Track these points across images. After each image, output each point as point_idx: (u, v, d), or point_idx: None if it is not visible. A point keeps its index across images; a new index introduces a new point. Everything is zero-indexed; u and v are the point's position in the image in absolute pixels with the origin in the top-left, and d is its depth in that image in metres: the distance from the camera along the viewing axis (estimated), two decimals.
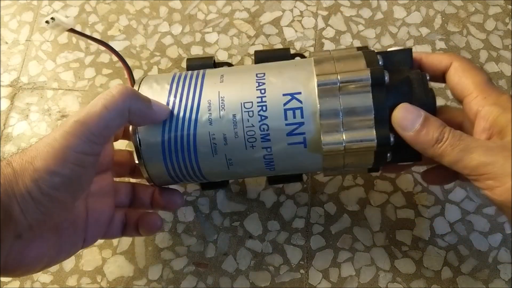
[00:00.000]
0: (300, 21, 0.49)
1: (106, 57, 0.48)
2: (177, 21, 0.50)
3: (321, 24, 0.49)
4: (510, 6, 0.49)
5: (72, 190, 0.28)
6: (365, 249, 0.40)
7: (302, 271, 0.39)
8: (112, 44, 0.49)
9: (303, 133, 0.31)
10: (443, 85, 0.46)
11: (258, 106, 0.31)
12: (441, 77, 0.33)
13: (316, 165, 0.33)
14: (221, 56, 0.48)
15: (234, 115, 0.31)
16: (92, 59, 0.48)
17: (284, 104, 0.31)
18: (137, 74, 0.47)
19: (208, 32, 0.49)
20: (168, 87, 0.33)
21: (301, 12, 0.50)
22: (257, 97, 0.32)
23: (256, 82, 0.32)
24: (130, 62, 0.48)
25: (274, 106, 0.31)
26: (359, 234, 0.40)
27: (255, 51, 0.37)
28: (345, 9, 0.50)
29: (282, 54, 0.36)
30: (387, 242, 0.40)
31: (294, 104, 0.31)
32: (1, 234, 0.25)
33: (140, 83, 0.34)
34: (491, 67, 0.47)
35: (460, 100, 0.32)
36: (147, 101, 0.31)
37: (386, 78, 0.30)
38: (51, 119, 0.45)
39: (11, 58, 0.48)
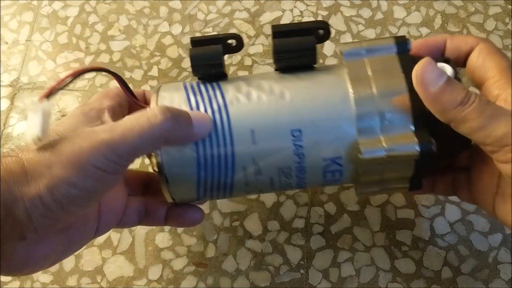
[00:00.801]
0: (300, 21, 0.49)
1: (106, 57, 0.48)
2: (177, 21, 0.50)
3: None
4: (510, 6, 0.49)
5: (86, 202, 0.27)
6: (365, 249, 0.40)
7: (302, 271, 0.39)
8: (112, 44, 0.49)
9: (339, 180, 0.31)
10: None
11: (295, 169, 0.30)
12: (463, 60, 0.31)
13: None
14: None
15: (271, 178, 0.31)
16: (92, 59, 0.48)
17: (324, 167, 0.30)
18: (136, 74, 0.47)
19: (208, 32, 0.49)
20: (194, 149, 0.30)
21: (301, 12, 0.50)
22: (295, 162, 0.30)
23: (293, 145, 0.29)
24: (130, 62, 0.48)
25: (313, 169, 0.30)
26: (359, 234, 0.40)
27: (273, 27, 0.31)
28: (345, 9, 0.50)
29: (305, 44, 0.31)
30: (387, 242, 0.40)
31: (334, 167, 0.30)
32: (1, 233, 0.24)
33: None
34: None
35: (479, 84, 0.30)
36: (187, 122, 0.28)
37: (433, 147, 0.28)
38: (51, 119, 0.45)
39: (11, 58, 0.48)
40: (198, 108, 0.30)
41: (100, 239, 0.41)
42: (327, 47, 0.48)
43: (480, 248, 0.40)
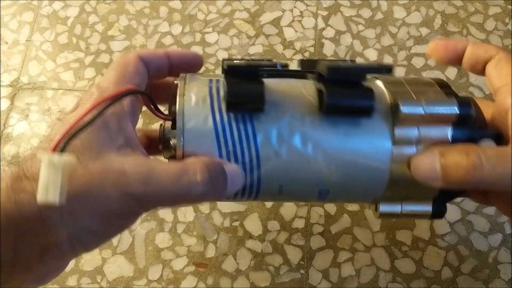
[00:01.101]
0: (300, 21, 0.49)
1: (106, 57, 0.48)
2: (177, 21, 0.50)
3: (321, 24, 0.49)
4: (510, 6, 0.49)
5: (97, 246, 0.25)
6: (365, 249, 0.40)
7: (302, 271, 0.39)
8: (112, 44, 0.49)
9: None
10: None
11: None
12: (482, 67, 0.31)
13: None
14: (221, 56, 0.48)
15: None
16: (92, 59, 0.48)
17: None
18: None
19: (208, 32, 0.49)
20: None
21: (301, 12, 0.50)
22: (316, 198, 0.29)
23: (317, 196, 0.29)
24: None
25: None
26: (359, 234, 0.40)
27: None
28: (345, 9, 0.50)
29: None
30: (387, 242, 0.40)
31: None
32: (12, 272, 0.23)
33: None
34: None
35: (495, 91, 0.30)
36: (223, 184, 0.26)
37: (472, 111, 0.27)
38: (51, 119, 0.45)
39: (11, 58, 0.48)
40: (229, 157, 0.27)
41: None
42: (327, 47, 0.48)
43: (480, 248, 0.40)
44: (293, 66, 0.47)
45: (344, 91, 0.26)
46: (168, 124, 0.28)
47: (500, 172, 0.25)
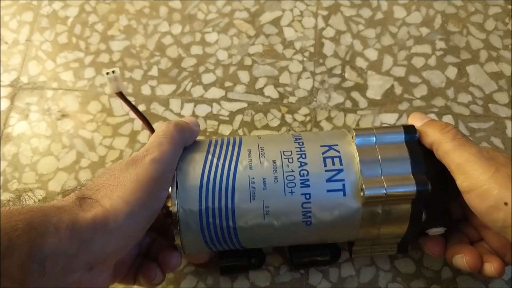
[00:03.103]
0: (300, 21, 0.49)
1: (106, 57, 0.48)
2: (177, 21, 0.50)
3: (321, 24, 0.49)
4: (510, 6, 0.49)
5: (147, 226, 0.30)
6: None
7: (302, 271, 0.39)
8: (112, 44, 0.49)
9: (342, 180, 0.32)
10: (443, 84, 0.46)
11: (297, 154, 0.32)
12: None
13: (353, 224, 0.32)
14: (221, 56, 0.48)
15: (274, 161, 0.32)
16: (92, 59, 0.48)
17: (323, 153, 0.32)
18: (136, 74, 0.47)
19: (208, 32, 0.49)
20: (206, 146, 0.34)
21: (301, 12, 0.50)
22: (296, 148, 0.33)
23: (293, 138, 0.34)
24: (130, 62, 0.48)
25: (313, 154, 0.32)
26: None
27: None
28: (345, 9, 0.50)
29: None
30: None
31: (332, 153, 0.32)
32: (74, 264, 0.26)
33: None
34: (491, 67, 0.47)
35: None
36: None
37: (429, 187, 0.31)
38: (51, 119, 0.45)
39: (11, 58, 0.48)
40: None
41: None
42: (327, 47, 0.48)
43: None
44: (293, 66, 0.47)
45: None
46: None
47: None
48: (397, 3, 0.50)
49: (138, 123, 0.45)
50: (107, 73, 0.36)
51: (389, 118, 0.45)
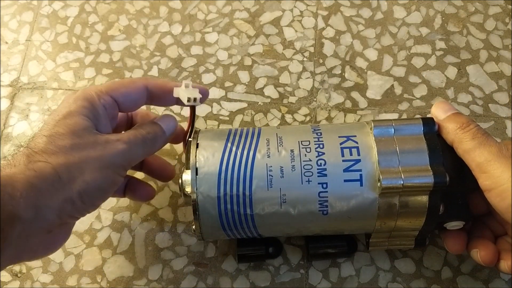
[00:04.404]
0: (300, 21, 0.49)
1: (106, 57, 0.48)
2: (177, 21, 0.50)
3: (321, 24, 0.49)
4: (510, 6, 0.49)
5: (102, 201, 0.32)
6: (365, 249, 0.40)
7: (302, 271, 0.39)
8: (112, 44, 0.49)
9: (360, 170, 0.32)
10: (443, 84, 0.46)
11: (315, 144, 0.33)
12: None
13: (369, 215, 0.33)
14: (221, 56, 0.48)
15: (292, 150, 0.33)
16: (92, 59, 0.48)
17: (341, 143, 0.32)
18: (136, 74, 0.47)
19: (208, 32, 0.49)
20: (226, 135, 0.34)
21: (301, 12, 0.50)
22: (314, 138, 0.33)
23: (312, 128, 0.34)
24: (130, 62, 0.48)
25: (331, 144, 0.33)
26: (359, 234, 0.40)
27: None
28: (345, 9, 0.50)
29: None
30: None
31: (350, 144, 0.33)
32: (31, 230, 0.28)
33: (198, 135, 0.35)
34: (491, 67, 0.47)
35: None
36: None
37: (436, 126, 0.33)
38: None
39: (11, 58, 0.48)
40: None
41: (100, 239, 0.41)
42: (327, 47, 0.48)
43: None
44: (293, 66, 0.47)
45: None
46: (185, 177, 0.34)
47: None
48: (397, 3, 0.50)
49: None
50: (188, 100, 0.34)
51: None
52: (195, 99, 0.34)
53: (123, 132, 0.34)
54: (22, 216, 0.26)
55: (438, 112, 0.34)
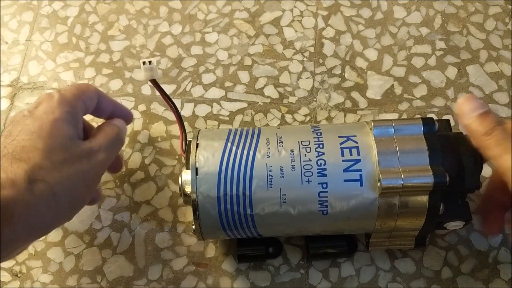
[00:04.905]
0: (300, 21, 0.49)
1: (106, 57, 0.48)
2: (177, 21, 0.50)
3: (321, 24, 0.49)
4: (510, 6, 0.49)
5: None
6: (365, 249, 0.40)
7: (302, 271, 0.39)
8: (112, 44, 0.49)
9: (360, 170, 0.32)
10: (443, 84, 0.46)
11: (315, 144, 0.33)
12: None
13: (369, 215, 0.33)
14: (221, 56, 0.48)
15: (291, 150, 0.33)
16: (92, 59, 0.48)
17: (341, 143, 0.33)
18: (136, 74, 0.47)
19: (208, 32, 0.49)
20: (226, 135, 0.34)
21: (301, 12, 0.50)
22: (314, 138, 0.33)
23: (312, 128, 0.34)
24: (130, 62, 0.48)
25: (331, 144, 0.33)
26: (359, 234, 0.40)
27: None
28: (345, 9, 0.50)
29: None
30: None
31: (350, 144, 0.33)
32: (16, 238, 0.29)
33: (198, 135, 0.35)
34: (491, 67, 0.47)
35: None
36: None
37: (435, 127, 0.33)
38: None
39: (11, 58, 0.48)
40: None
41: (100, 239, 0.41)
42: (327, 47, 0.48)
43: (480, 248, 0.40)
44: (293, 66, 0.47)
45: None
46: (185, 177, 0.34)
47: None
48: (397, 3, 0.50)
49: (139, 123, 0.45)
50: (144, 63, 0.37)
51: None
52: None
53: (95, 137, 0.35)
54: (16, 236, 0.29)
55: (466, 110, 0.33)
